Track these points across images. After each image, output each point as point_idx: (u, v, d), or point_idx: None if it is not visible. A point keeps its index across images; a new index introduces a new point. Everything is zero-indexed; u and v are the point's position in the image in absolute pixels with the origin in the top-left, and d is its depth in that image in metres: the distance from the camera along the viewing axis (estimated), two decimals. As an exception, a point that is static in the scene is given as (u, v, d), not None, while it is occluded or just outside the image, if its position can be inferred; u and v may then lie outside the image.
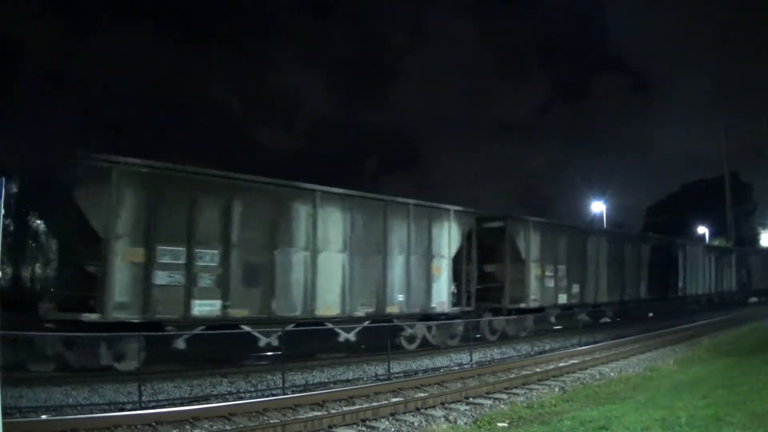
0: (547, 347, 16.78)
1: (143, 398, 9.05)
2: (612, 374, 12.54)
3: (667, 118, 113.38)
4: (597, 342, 17.56)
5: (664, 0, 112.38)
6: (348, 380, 11.66)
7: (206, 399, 9.68)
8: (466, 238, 16.63)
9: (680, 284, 28.04)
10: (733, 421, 7.10)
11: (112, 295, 10.27)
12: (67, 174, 10.16)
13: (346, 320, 13.54)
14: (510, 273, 17.93)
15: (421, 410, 9.00)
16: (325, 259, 13.17)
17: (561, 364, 13.28)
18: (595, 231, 23.34)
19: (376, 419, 8.40)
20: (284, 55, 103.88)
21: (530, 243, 18.57)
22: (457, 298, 16.48)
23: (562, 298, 19.89)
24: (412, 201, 15.29)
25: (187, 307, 11.01)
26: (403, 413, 8.80)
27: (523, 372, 12.32)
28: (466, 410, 9.10)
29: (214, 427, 7.87)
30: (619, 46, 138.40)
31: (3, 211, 5.42)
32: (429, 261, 15.43)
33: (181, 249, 10.97)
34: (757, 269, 39.55)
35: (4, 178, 5.42)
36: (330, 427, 7.96)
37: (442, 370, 12.94)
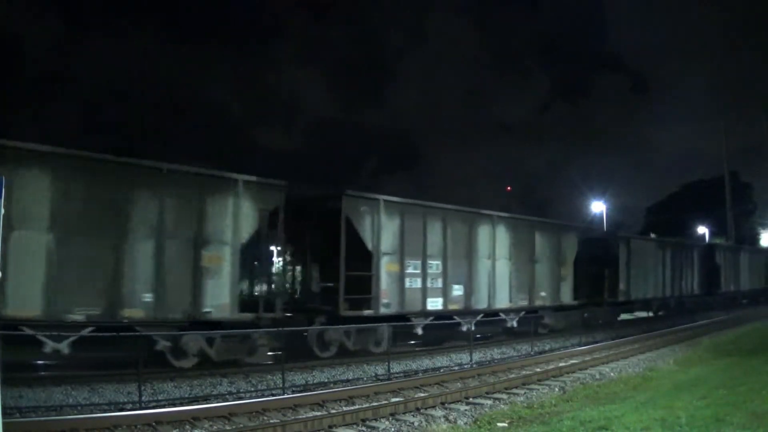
0: (547, 347, 16.78)
1: (143, 398, 9.04)
2: (612, 374, 12.54)
3: (667, 117, 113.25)
4: (597, 342, 17.56)
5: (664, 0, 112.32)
6: (348, 380, 11.66)
7: (206, 399, 9.69)
8: (268, 219, 12.60)
9: (621, 286, 22.90)
10: (733, 421, 7.11)
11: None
12: None
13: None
14: (346, 269, 13.45)
15: (421, 410, 9.00)
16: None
17: (561, 364, 13.28)
18: (490, 215, 17.09)
19: (376, 419, 8.40)
20: (283, 56, 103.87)
21: (381, 230, 14.11)
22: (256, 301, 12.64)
23: (435, 304, 15.35)
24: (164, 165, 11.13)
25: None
26: (403, 413, 8.80)
27: (523, 372, 12.33)
28: (466, 410, 9.11)
29: (214, 427, 7.87)
30: (619, 46, 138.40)
31: (3, 211, 5.41)
32: (198, 249, 11.33)
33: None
34: (727, 268, 33.30)
35: (2, 178, 5.42)
36: (330, 427, 7.96)
37: (442, 370, 12.95)
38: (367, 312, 13.71)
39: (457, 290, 15.99)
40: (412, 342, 16.40)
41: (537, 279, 18.63)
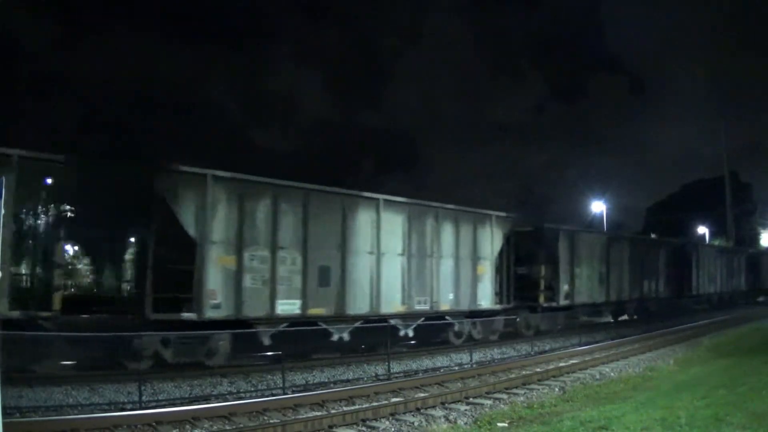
0: (547, 347, 16.78)
1: (143, 398, 9.05)
2: (612, 374, 12.54)
3: (666, 118, 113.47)
4: (597, 342, 17.56)
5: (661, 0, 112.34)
6: (348, 380, 11.66)
7: (206, 399, 9.69)
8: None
9: (565, 288, 19.88)
10: (733, 421, 7.11)
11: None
12: None
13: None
14: (156, 261, 11.41)
15: (422, 410, 8.99)
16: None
17: (561, 364, 13.28)
18: (374, 199, 14.15)
19: (376, 419, 8.39)
20: (280, 57, 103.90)
21: (210, 213, 11.47)
22: None
23: (289, 307, 12.38)
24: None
25: None
26: (403, 413, 8.80)
27: (523, 372, 12.32)
28: (466, 410, 9.10)
29: (214, 427, 7.87)
30: (616, 46, 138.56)
31: (3, 211, 5.42)
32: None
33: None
34: (702, 269, 30.24)
35: (3, 178, 5.43)
36: (330, 427, 7.96)
37: (442, 370, 12.94)
38: (187, 315, 11.00)
39: (325, 291, 12.89)
40: (261, 354, 13.07)
41: (442, 278, 15.44)
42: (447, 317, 15.79)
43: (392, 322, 14.27)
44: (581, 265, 20.70)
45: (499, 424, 8.18)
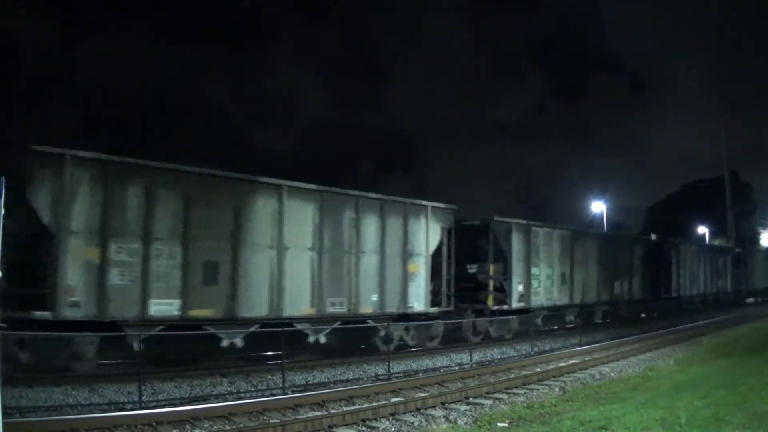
0: (547, 347, 16.78)
1: (143, 398, 9.05)
2: (612, 374, 12.54)
3: (666, 118, 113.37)
4: (597, 342, 17.56)
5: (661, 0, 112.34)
6: (348, 380, 11.66)
7: (206, 399, 9.69)
8: None
9: (519, 289, 17.90)
10: (733, 421, 7.11)
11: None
12: None
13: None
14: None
15: (421, 410, 8.99)
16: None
17: (561, 364, 13.28)
18: (277, 185, 12.46)
19: (376, 419, 8.39)
20: (280, 57, 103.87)
21: (68, 199, 10.11)
22: None
23: (164, 308, 10.78)
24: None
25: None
26: (403, 413, 8.80)
27: (523, 372, 12.32)
28: (466, 410, 9.10)
29: (214, 427, 7.87)
30: (616, 46, 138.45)
31: (3, 211, 5.41)
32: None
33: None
34: (683, 269, 28.42)
35: (4, 178, 5.42)
36: (330, 427, 7.96)
37: (442, 370, 12.95)
38: (39, 314, 9.75)
39: (211, 290, 11.27)
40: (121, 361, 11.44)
41: (363, 277, 13.66)
42: (370, 321, 13.74)
43: (299, 326, 12.48)
44: (539, 264, 18.68)
45: (499, 424, 8.18)
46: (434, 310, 15.35)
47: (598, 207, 44.33)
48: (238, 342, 11.59)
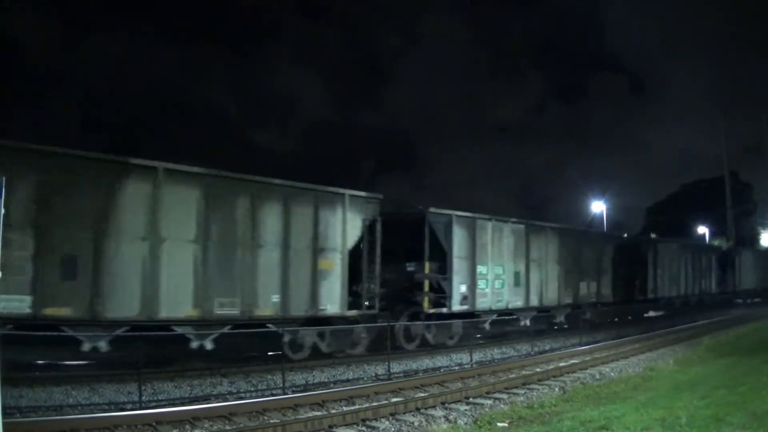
0: (548, 347, 16.78)
1: (143, 398, 9.05)
2: (612, 374, 12.54)
3: (666, 118, 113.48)
4: (597, 342, 17.55)
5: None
6: (348, 380, 11.67)
7: (206, 399, 9.69)
8: None
9: (463, 290, 15.92)
10: (733, 421, 7.10)
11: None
12: None
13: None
14: None
15: (422, 410, 8.99)
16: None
17: (561, 364, 13.28)
18: (151, 168, 10.78)
19: (376, 419, 8.40)
20: (280, 57, 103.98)
21: None
22: None
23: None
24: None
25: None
26: (404, 413, 8.80)
27: (524, 372, 12.32)
28: (466, 410, 9.10)
29: (215, 427, 7.87)
30: (616, 46, 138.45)
31: (3, 211, 5.41)
32: None
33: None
34: (662, 269, 26.17)
35: (3, 179, 5.42)
36: (330, 427, 7.96)
37: (442, 370, 12.95)
38: None
39: (70, 285, 9.81)
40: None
41: (261, 275, 11.93)
42: (269, 325, 11.90)
43: (179, 329, 10.88)
44: (487, 262, 16.63)
45: (499, 424, 8.18)
46: (353, 313, 13.46)
47: (598, 207, 44.37)
48: (103, 346, 10.13)
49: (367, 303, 13.83)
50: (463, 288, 15.88)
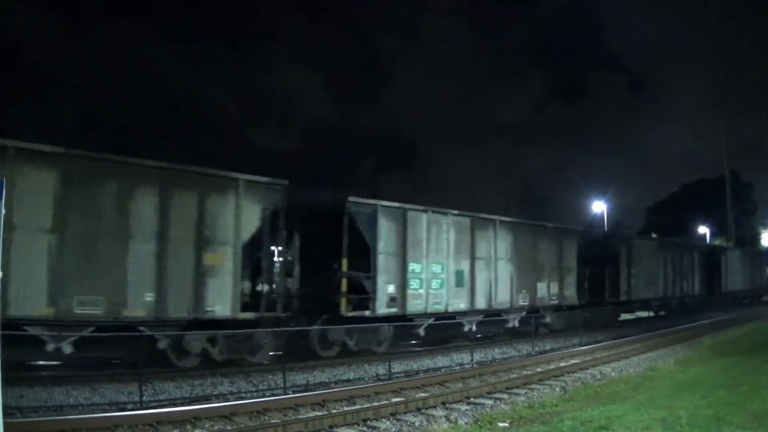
0: (548, 347, 16.78)
1: (144, 398, 9.06)
2: (613, 374, 12.54)
3: (666, 117, 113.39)
4: (598, 342, 17.55)
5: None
6: (349, 380, 11.67)
7: (207, 399, 9.70)
8: None
9: (390, 291, 14.15)
10: (733, 421, 7.11)
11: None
12: None
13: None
14: None
15: (422, 410, 9.00)
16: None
17: (562, 364, 13.28)
18: (38, 152, 9.81)
19: (377, 419, 8.40)
20: (279, 57, 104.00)
21: None
22: None
23: None
24: None
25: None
26: (404, 413, 8.81)
27: (524, 372, 12.32)
28: (467, 410, 9.11)
29: (215, 427, 7.88)
30: (615, 46, 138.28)
31: (4, 211, 5.42)
32: None
33: None
34: (637, 267, 23.89)
35: (4, 180, 5.43)
36: (331, 426, 7.96)
37: (443, 370, 12.95)
38: None
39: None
40: None
41: (132, 269, 10.51)
42: (142, 328, 10.52)
43: (31, 330, 9.59)
44: (421, 259, 14.84)
45: (500, 424, 8.18)
46: (248, 315, 11.85)
47: (598, 207, 44.36)
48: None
49: (269, 304, 12.20)
50: (391, 288, 14.10)
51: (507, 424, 8.20)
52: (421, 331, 15.04)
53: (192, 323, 11.12)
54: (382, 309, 13.83)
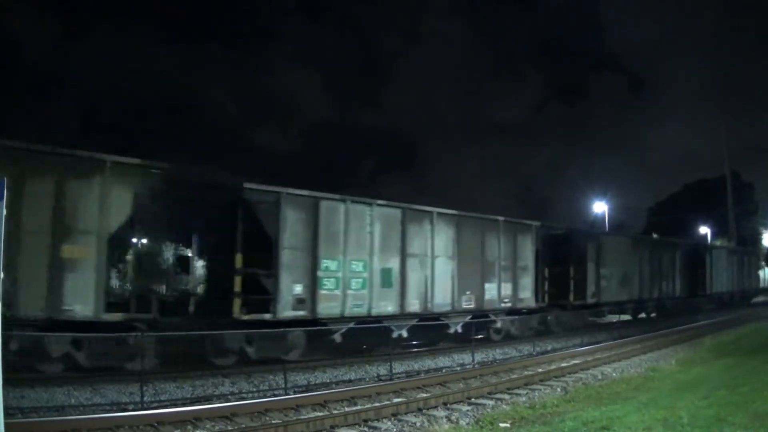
0: (549, 347, 16.77)
1: (145, 399, 9.06)
2: (614, 374, 12.53)
3: (667, 117, 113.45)
4: (599, 342, 17.54)
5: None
6: (350, 380, 11.66)
7: (208, 399, 9.70)
8: None
9: (299, 290, 12.45)
10: (734, 421, 7.11)
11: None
12: None
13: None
14: None
15: (423, 410, 9.00)
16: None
17: (563, 365, 13.28)
18: None
19: (378, 419, 8.40)
20: (280, 57, 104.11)
21: None
22: None
23: None
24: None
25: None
26: (405, 413, 8.80)
27: (525, 372, 12.32)
28: (468, 410, 9.10)
29: (216, 428, 7.88)
30: (616, 46, 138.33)
31: (5, 211, 5.41)
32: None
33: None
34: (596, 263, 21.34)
35: (5, 180, 5.43)
36: (332, 427, 7.96)
37: (444, 371, 12.94)
38: None
39: None
40: None
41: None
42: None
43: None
44: (337, 255, 13.04)
45: (501, 425, 8.17)
46: (115, 317, 10.53)
47: (599, 207, 44.37)
48: None
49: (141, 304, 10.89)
50: (299, 288, 12.34)
51: (508, 425, 8.19)
52: (337, 337, 13.12)
53: (52, 324, 9.82)
54: (286, 312, 12.11)
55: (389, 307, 14.08)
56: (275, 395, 9.77)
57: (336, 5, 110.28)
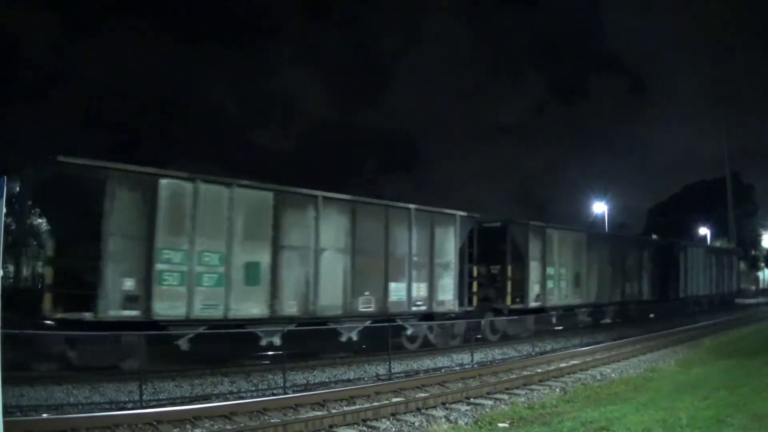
0: (549, 348, 16.76)
1: (144, 397, 9.05)
2: (613, 375, 12.53)
3: (667, 118, 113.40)
4: (598, 343, 17.54)
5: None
6: (349, 380, 11.66)
7: (207, 398, 9.69)
8: None
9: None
10: (734, 422, 7.11)
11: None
12: None
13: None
14: None
15: (422, 410, 8.99)
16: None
17: (562, 365, 13.27)
18: None
19: (377, 419, 8.39)
20: (281, 58, 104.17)
21: None
22: None
23: None
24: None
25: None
26: (404, 413, 8.80)
27: (524, 372, 12.31)
28: (467, 410, 9.10)
29: (215, 427, 7.87)
30: (616, 46, 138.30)
31: (5, 210, 5.42)
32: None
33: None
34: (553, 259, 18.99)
35: (5, 178, 5.43)
36: (331, 426, 7.96)
37: (443, 370, 12.94)
38: None
39: None
40: None
41: None
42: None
43: None
44: (184, 245, 10.88)
45: (500, 425, 8.17)
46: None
47: (599, 208, 44.35)
48: None
49: None
50: (129, 283, 10.29)
51: (507, 425, 8.19)
52: (183, 344, 10.98)
53: None
54: (112, 310, 10.10)
55: (254, 309, 11.74)
56: (274, 394, 9.77)
57: (338, 6, 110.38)
